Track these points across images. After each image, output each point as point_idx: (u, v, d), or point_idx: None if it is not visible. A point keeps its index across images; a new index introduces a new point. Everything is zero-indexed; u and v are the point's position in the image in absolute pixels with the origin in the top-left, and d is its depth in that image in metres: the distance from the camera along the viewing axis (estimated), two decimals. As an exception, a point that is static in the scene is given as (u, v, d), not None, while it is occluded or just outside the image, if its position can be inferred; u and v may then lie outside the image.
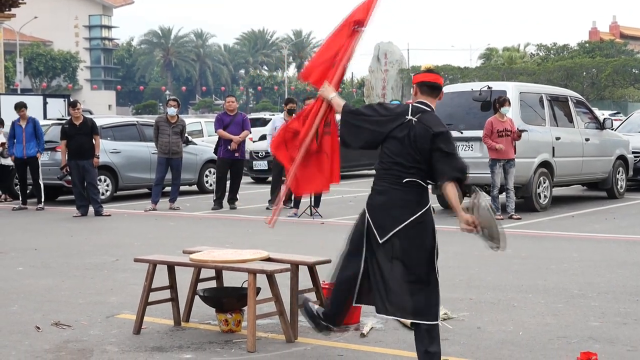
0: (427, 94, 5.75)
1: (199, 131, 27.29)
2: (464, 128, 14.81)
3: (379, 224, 5.47)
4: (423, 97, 5.74)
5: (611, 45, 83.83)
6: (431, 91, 5.77)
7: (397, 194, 5.48)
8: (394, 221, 5.45)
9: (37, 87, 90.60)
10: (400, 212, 5.46)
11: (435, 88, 5.77)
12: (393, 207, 5.47)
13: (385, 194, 5.51)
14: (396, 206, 5.47)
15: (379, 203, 5.51)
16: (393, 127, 5.53)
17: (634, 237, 11.92)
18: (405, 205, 5.48)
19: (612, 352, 6.04)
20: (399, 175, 5.49)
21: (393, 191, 5.49)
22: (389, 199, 5.49)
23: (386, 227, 5.45)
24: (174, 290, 7.03)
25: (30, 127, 16.95)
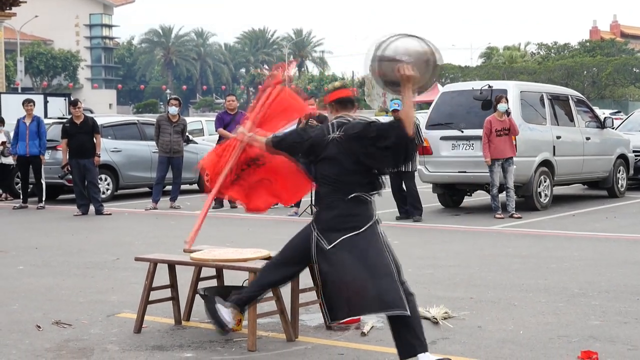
0: (342, 109, 5.86)
1: (199, 130, 27.30)
2: (464, 127, 14.82)
3: (326, 235, 5.60)
4: (341, 113, 5.84)
5: (612, 44, 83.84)
6: (344, 106, 5.87)
7: (344, 208, 5.59)
8: (341, 232, 5.55)
9: (37, 86, 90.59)
10: (348, 224, 5.56)
11: (348, 102, 5.88)
12: (340, 220, 5.58)
13: (334, 208, 5.62)
14: (343, 219, 5.58)
15: (327, 217, 5.64)
16: (321, 150, 5.69)
17: (635, 236, 11.92)
18: (351, 219, 5.58)
19: (613, 351, 6.03)
20: (345, 191, 5.60)
21: (341, 205, 5.60)
22: (338, 213, 5.60)
23: (332, 237, 5.56)
24: (175, 289, 7.03)
25: (34, 126, 16.96)
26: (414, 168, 14.01)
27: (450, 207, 15.73)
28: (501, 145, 13.91)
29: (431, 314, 7.00)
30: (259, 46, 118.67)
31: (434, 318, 6.94)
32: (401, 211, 14.13)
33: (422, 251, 10.84)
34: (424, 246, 11.31)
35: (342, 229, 5.56)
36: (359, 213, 5.63)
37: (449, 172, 14.98)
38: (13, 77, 74.41)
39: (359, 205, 5.64)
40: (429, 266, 9.62)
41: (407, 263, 9.83)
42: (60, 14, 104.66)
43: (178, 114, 16.79)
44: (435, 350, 6.14)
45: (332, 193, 5.65)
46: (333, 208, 5.63)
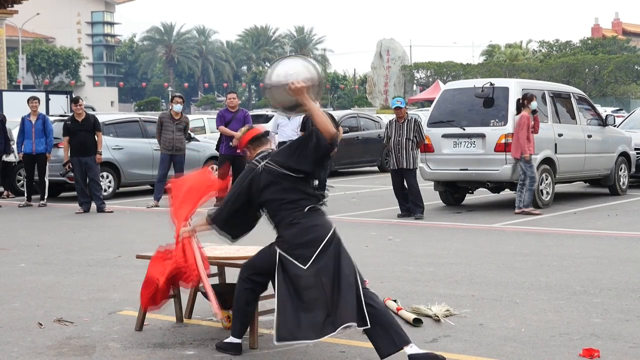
0: (258, 147, 6.20)
1: (201, 128, 27.29)
2: (466, 125, 14.82)
3: (296, 254, 5.71)
4: (258, 150, 6.17)
5: (614, 42, 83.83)
6: (260, 142, 6.22)
7: (305, 222, 5.78)
8: (309, 247, 5.71)
9: (39, 83, 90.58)
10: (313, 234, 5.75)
11: (261, 137, 6.25)
12: (304, 233, 5.75)
13: (295, 225, 5.78)
14: (306, 231, 5.76)
15: (291, 234, 5.77)
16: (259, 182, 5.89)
17: (637, 234, 11.92)
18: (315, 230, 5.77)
19: (615, 348, 6.03)
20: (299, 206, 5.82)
21: (301, 220, 5.78)
22: (300, 228, 5.77)
23: (304, 255, 5.70)
24: (176, 286, 7.02)
25: (40, 124, 16.95)
26: (416, 165, 14.02)
27: (451, 205, 15.72)
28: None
29: (433, 311, 7.00)
30: (261, 44, 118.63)
31: (435, 316, 6.94)
32: (402, 209, 14.13)
33: (424, 249, 10.83)
34: (425, 244, 11.31)
35: (309, 243, 5.71)
36: (320, 223, 5.83)
37: (451, 169, 14.98)
38: (15, 75, 74.47)
39: (317, 216, 5.85)
40: (431, 264, 9.62)
41: (408, 261, 9.86)
42: (62, 11, 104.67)
43: (181, 111, 16.79)
44: (436, 348, 6.14)
45: (289, 213, 5.82)
46: (294, 225, 5.78)
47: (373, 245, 11.07)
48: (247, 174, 6.00)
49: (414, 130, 13.90)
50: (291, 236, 5.76)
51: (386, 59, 70.68)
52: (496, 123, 14.56)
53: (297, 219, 5.79)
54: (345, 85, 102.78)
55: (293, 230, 5.78)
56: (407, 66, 72.66)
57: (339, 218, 13.67)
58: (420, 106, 57.60)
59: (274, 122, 17.36)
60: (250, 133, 6.29)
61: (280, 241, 5.83)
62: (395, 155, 13.93)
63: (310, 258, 5.69)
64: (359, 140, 24.21)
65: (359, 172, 24.76)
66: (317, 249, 5.70)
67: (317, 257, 5.70)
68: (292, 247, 5.74)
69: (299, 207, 5.82)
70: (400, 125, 13.97)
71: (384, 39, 72.18)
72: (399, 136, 13.88)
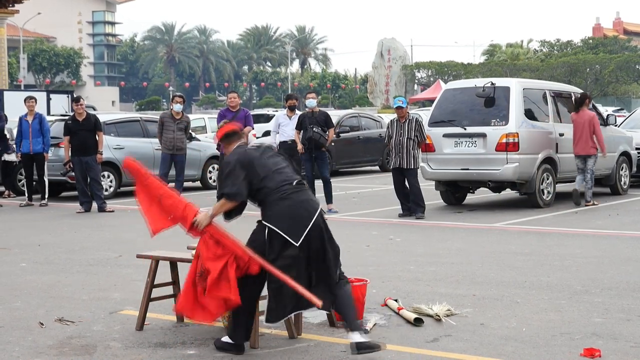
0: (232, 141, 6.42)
1: (202, 127, 27.29)
2: (467, 124, 14.81)
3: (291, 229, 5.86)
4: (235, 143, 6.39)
5: (615, 42, 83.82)
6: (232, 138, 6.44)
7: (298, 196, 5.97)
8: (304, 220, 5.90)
9: (40, 83, 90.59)
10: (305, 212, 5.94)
11: (234, 133, 6.46)
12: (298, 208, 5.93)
13: (288, 198, 5.94)
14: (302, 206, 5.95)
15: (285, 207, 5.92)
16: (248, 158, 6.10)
17: (638, 234, 11.91)
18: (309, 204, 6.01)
19: (616, 348, 6.03)
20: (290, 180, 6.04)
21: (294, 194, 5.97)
22: (294, 202, 5.94)
23: (299, 228, 5.86)
24: (177, 286, 7.03)
25: (37, 123, 16.95)
26: (417, 165, 14.01)
27: (452, 205, 15.71)
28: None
29: (434, 311, 7.00)
30: (262, 43, 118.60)
31: (436, 315, 6.93)
32: (404, 208, 14.12)
33: (425, 248, 10.83)
34: (426, 243, 11.30)
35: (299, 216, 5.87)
36: (310, 198, 6.06)
37: (452, 169, 14.97)
38: (16, 74, 74.45)
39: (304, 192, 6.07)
40: (432, 263, 9.61)
41: (409, 260, 9.86)
42: (63, 11, 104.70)
43: (182, 111, 16.78)
44: (437, 347, 6.15)
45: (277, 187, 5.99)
46: (285, 199, 5.93)
47: (374, 245, 11.07)
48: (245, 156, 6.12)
49: (415, 129, 13.90)
50: (284, 210, 5.91)
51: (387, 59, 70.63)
52: (497, 123, 14.55)
53: (288, 194, 5.94)
54: (346, 84, 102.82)
55: (285, 203, 5.92)
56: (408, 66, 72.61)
57: (340, 218, 13.66)
58: (421, 106, 57.63)
59: (275, 122, 17.35)
60: (222, 129, 6.51)
61: (268, 217, 5.95)
62: (396, 155, 13.93)
63: (302, 234, 5.84)
64: (359, 140, 24.21)
65: (359, 172, 24.74)
66: (309, 224, 5.86)
67: (310, 234, 5.85)
68: (284, 221, 5.87)
69: (287, 181, 6.01)
70: (401, 124, 13.96)
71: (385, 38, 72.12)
72: (400, 135, 13.88)
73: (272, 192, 5.96)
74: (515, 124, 14.41)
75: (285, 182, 5.99)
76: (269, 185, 5.98)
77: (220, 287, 5.94)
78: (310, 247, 5.85)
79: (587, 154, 15.16)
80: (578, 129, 15.19)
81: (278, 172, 6.05)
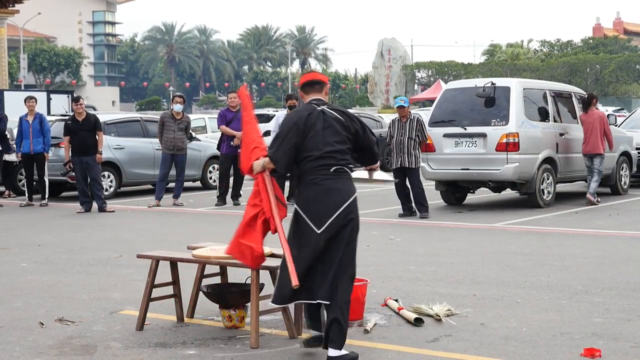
0: (312, 91, 6.12)
1: (202, 127, 27.29)
2: (467, 124, 14.81)
3: (314, 215, 5.79)
4: (312, 95, 6.11)
5: (615, 42, 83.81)
6: (313, 87, 6.13)
7: (329, 183, 5.83)
8: (331, 208, 5.79)
9: (40, 83, 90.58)
10: (336, 199, 5.82)
11: (316, 83, 6.15)
12: (327, 195, 5.81)
13: (319, 184, 5.83)
14: (330, 195, 5.82)
15: (313, 195, 5.83)
16: (304, 125, 5.89)
17: (638, 234, 11.91)
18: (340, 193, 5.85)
19: (616, 348, 6.03)
20: (330, 165, 5.86)
21: (326, 181, 5.83)
22: (323, 189, 5.81)
23: (323, 216, 5.78)
24: (177, 286, 7.03)
25: (37, 123, 16.96)
26: (418, 165, 13.99)
27: (453, 205, 15.72)
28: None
29: (434, 311, 7.00)
30: (262, 43, 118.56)
31: (436, 315, 6.94)
32: (404, 208, 14.11)
33: (425, 248, 10.83)
34: (426, 243, 11.30)
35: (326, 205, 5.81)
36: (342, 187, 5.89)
37: (452, 169, 14.97)
38: (16, 74, 74.43)
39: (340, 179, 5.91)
40: (432, 263, 9.61)
41: (409, 260, 9.86)
42: (63, 11, 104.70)
43: (182, 111, 16.79)
44: (438, 347, 6.15)
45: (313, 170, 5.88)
46: (316, 184, 5.84)
47: (374, 245, 11.07)
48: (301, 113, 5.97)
49: (416, 129, 13.90)
50: (312, 196, 5.83)
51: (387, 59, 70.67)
52: (497, 123, 14.55)
53: (320, 180, 5.83)
54: (346, 84, 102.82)
55: (314, 190, 5.83)
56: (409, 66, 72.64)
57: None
58: (422, 106, 57.61)
59: (275, 122, 17.37)
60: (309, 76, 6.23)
61: (297, 198, 5.93)
62: (397, 155, 13.92)
63: (325, 223, 5.77)
64: (360, 140, 24.15)
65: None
66: (334, 213, 5.78)
67: (333, 222, 5.77)
68: (311, 207, 5.81)
69: (326, 166, 5.85)
70: (403, 124, 13.96)
71: (385, 38, 72.19)
72: (402, 135, 13.88)
73: (307, 172, 5.88)
74: (515, 124, 14.41)
75: (323, 167, 5.84)
76: (306, 166, 5.89)
77: (245, 233, 6.10)
78: (331, 237, 5.78)
79: (595, 153, 15.40)
80: (587, 129, 15.47)
81: (325, 155, 5.86)
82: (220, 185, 16.52)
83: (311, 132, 5.87)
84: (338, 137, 5.90)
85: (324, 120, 5.91)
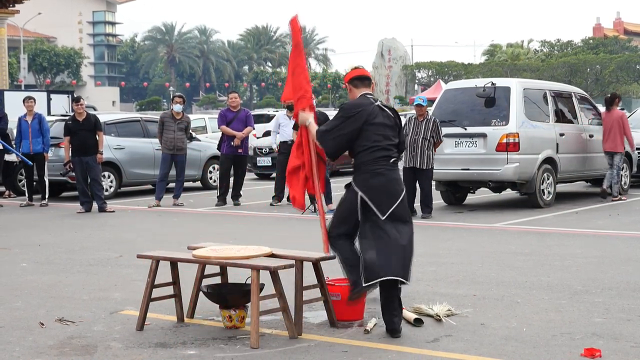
0: (362, 86, 6.59)
1: (202, 127, 27.29)
2: (467, 124, 14.81)
3: (379, 202, 6.29)
4: (363, 90, 6.57)
5: (615, 42, 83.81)
6: (363, 83, 6.60)
7: (391, 174, 6.37)
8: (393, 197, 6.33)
9: (40, 83, 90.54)
10: (398, 188, 6.40)
11: (366, 79, 6.62)
12: (390, 185, 6.35)
13: (382, 175, 6.33)
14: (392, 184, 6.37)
15: (378, 183, 6.31)
16: (368, 116, 6.34)
17: (638, 234, 11.91)
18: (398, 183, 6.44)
19: (616, 348, 6.03)
20: (389, 157, 6.39)
21: (388, 172, 6.36)
22: (387, 179, 6.34)
23: (386, 204, 6.30)
24: (177, 286, 7.03)
25: (36, 123, 16.97)
26: (429, 166, 13.86)
27: (453, 205, 15.72)
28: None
29: (434, 311, 7.00)
30: (262, 43, 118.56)
31: (437, 315, 6.94)
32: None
33: (425, 248, 10.81)
34: (426, 243, 11.29)
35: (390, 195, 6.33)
36: (399, 178, 6.51)
37: (452, 169, 14.97)
38: (16, 74, 74.39)
39: (396, 170, 6.48)
40: (432, 263, 9.61)
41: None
42: (63, 11, 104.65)
43: (182, 111, 16.79)
44: (438, 347, 6.15)
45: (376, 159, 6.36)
46: (381, 174, 6.34)
47: (374, 245, 11.04)
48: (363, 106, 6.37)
49: (432, 130, 13.83)
50: (377, 185, 6.28)
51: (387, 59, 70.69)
52: (497, 123, 14.55)
53: (384, 170, 6.32)
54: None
55: (380, 179, 6.30)
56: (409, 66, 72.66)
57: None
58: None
59: (275, 122, 17.37)
60: (357, 71, 6.66)
61: (362, 185, 6.33)
62: (410, 154, 13.86)
63: (388, 210, 6.27)
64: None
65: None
66: (396, 202, 6.30)
67: (394, 210, 6.29)
68: (376, 195, 6.27)
69: (387, 157, 6.35)
70: (419, 123, 13.91)
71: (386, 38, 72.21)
72: (416, 134, 13.82)
73: (370, 162, 6.31)
74: (515, 124, 14.41)
75: (384, 157, 6.32)
76: (370, 156, 6.31)
77: (291, 181, 6.78)
78: (393, 221, 6.27)
79: (615, 151, 15.87)
80: (607, 127, 15.98)
81: (384, 147, 6.34)
82: (220, 186, 16.52)
83: (373, 124, 6.33)
84: (393, 132, 6.44)
85: (382, 114, 6.41)
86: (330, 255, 6.67)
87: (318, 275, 6.75)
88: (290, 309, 6.44)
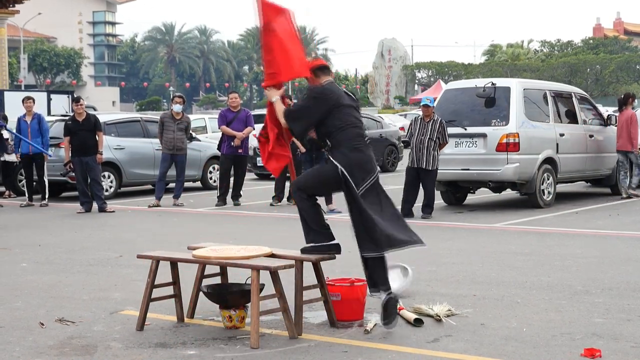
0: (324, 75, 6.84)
1: (202, 127, 27.28)
2: (467, 124, 14.80)
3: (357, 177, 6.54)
4: (325, 78, 6.83)
5: (615, 42, 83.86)
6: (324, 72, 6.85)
7: (367, 151, 6.68)
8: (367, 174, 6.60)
9: (41, 83, 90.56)
10: (372, 165, 6.69)
11: (326, 68, 6.92)
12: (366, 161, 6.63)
13: (361, 151, 6.62)
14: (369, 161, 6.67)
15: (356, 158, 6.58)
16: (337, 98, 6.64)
17: (638, 234, 11.90)
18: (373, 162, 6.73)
19: (616, 348, 6.03)
20: (363, 135, 6.74)
21: (365, 148, 6.67)
22: (365, 155, 6.64)
23: (361, 179, 6.57)
24: (177, 286, 7.03)
25: (35, 123, 16.97)
26: (434, 167, 13.81)
27: (453, 205, 15.72)
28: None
29: (434, 311, 7.00)
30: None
31: (437, 315, 6.94)
32: (405, 207, 13.91)
33: (425, 248, 10.80)
34: (426, 243, 11.26)
35: (366, 171, 6.58)
36: (373, 157, 6.76)
37: (452, 169, 14.95)
38: (16, 75, 74.41)
39: (370, 150, 6.74)
40: (432, 263, 9.61)
41: (409, 260, 9.83)
42: (63, 11, 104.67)
43: (182, 111, 16.79)
44: (438, 347, 6.15)
45: (354, 136, 6.64)
46: (359, 150, 6.60)
47: (374, 245, 11.03)
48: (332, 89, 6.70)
49: (438, 131, 13.81)
50: (355, 160, 6.54)
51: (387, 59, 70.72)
52: (498, 123, 14.55)
53: (362, 147, 6.62)
54: (346, 85, 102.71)
55: (358, 154, 6.58)
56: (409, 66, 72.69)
57: (340, 218, 13.65)
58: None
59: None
60: (317, 61, 6.97)
61: (341, 160, 6.55)
62: (416, 154, 13.84)
63: (363, 185, 6.55)
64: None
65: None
66: (370, 178, 6.58)
67: (369, 185, 6.58)
68: (354, 169, 6.53)
69: (361, 135, 6.70)
70: (425, 123, 13.88)
71: (386, 38, 72.27)
72: (422, 135, 13.80)
73: (347, 139, 6.57)
74: (515, 124, 14.40)
75: (359, 135, 6.66)
76: (346, 135, 6.58)
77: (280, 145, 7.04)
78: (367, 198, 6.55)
79: (626, 150, 16.27)
80: (620, 127, 16.32)
81: (357, 125, 6.69)
82: (220, 186, 16.52)
83: (342, 105, 6.61)
84: (359, 114, 6.84)
85: (348, 98, 6.76)
86: (330, 256, 6.67)
87: (318, 276, 6.75)
88: (290, 309, 6.44)
